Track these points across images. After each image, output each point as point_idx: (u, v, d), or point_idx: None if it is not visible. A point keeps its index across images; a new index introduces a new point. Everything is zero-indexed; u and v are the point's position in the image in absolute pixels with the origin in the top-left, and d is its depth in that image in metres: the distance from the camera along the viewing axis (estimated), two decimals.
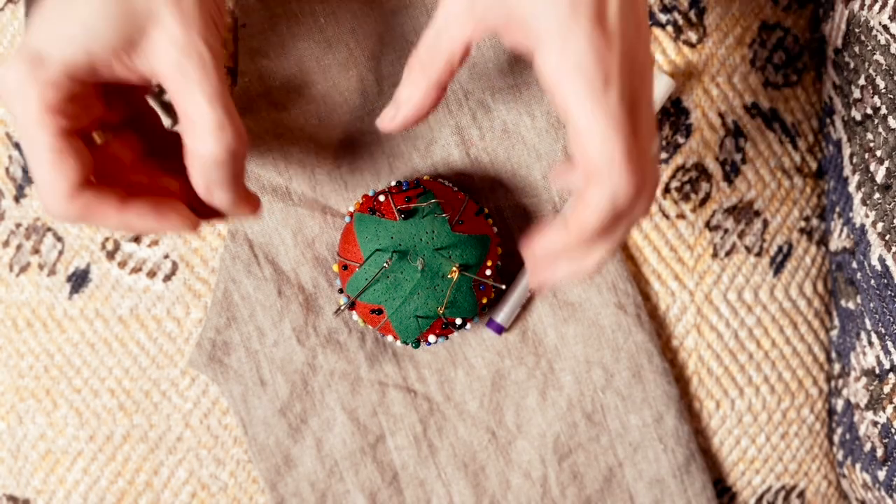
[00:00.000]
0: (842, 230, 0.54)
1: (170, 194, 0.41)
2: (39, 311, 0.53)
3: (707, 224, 0.55)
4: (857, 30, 0.49)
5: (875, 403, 0.50)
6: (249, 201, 0.41)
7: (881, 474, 0.51)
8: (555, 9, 0.34)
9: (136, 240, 0.52)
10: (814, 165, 0.57)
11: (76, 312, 0.53)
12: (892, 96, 0.46)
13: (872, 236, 0.49)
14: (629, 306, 0.53)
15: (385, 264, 0.46)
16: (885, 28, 0.46)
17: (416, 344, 0.48)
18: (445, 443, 0.54)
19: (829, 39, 0.53)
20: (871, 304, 0.49)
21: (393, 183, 0.50)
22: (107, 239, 0.53)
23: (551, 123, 0.52)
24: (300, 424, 0.53)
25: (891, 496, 0.50)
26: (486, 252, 0.48)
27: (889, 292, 0.47)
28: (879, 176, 0.48)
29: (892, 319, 0.47)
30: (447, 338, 0.49)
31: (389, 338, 0.49)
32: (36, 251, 0.53)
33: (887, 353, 0.48)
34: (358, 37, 0.51)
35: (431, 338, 0.48)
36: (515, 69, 0.51)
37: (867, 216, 0.49)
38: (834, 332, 0.57)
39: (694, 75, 0.54)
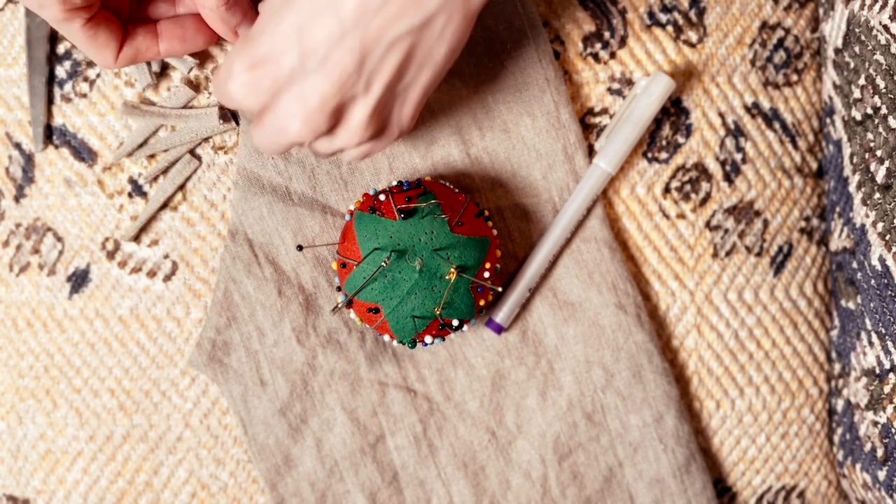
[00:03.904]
0: (842, 230, 0.54)
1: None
2: (39, 311, 0.53)
3: (707, 224, 0.54)
4: (857, 30, 0.49)
5: (875, 403, 0.50)
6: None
7: (881, 474, 0.51)
8: None
9: (136, 239, 0.52)
10: (814, 165, 0.57)
11: (76, 312, 0.53)
12: (892, 96, 0.46)
13: (872, 236, 0.49)
14: (629, 306, 0.53)
15: (383, 263, 0.46)
16: (886, 28, 0.46)
17: (413, 344, 0.48)
18: (445, 443, 0.54)
19: (829, 39, 0.53)
20: (872, 304, 0.49)
21: (394, 182, 0.50)
22: (107, 239, 0.53)
23: (551, 123, 0.52)
24: (300, 424, 0.53)
25: (891, 496, 0.50)
26: (485, 254, 0.48)
27: (889, 292, 0.47)
28: (879, 176, 0.48)
29: (892, 319, 0.47)
30: (444, 339, 0.49)
31: (386, 337, 0.49)
32: (36, 251, 0.53)
33: (887, 353, 0.48)
34: None
35: (428, 338, 0.48)
36: (515, 69, 0.51)
37: (867, 216, 0.49)
38: (834, 332, 0.57)
39: (694, 75, 0.54)
